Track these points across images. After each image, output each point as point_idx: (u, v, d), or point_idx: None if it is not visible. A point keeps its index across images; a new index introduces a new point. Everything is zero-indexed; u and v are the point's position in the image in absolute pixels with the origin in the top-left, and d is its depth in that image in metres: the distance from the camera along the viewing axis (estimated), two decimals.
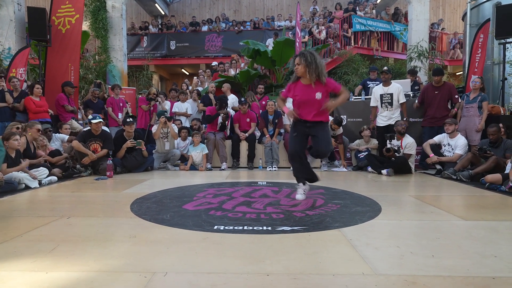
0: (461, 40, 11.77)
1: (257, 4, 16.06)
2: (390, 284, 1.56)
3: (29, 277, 1.64)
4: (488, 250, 2.01)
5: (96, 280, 1.61)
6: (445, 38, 13.07)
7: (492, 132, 4.85)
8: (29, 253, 1.95)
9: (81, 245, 2.09)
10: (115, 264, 1.81)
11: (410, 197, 3.60)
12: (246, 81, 9.65)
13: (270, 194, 3.75)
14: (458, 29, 14.08)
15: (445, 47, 12.94)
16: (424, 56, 8.47)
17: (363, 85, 7.53)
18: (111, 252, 1.97)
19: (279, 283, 1.58)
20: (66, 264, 1.80)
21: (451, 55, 12.63)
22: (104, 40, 9.38)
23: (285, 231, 2.37)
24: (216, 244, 2.11)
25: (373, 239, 2.20)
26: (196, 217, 2.75)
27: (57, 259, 1.86)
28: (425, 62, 8.57)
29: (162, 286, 1.56)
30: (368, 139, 6.21)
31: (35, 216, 2.78)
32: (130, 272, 1.70)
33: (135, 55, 13.18)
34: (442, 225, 2.54)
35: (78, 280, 1.61)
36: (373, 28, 11.62)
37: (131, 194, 3.73)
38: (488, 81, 7.41)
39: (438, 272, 1.70)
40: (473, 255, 1.93)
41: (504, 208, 3.15)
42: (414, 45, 8.63)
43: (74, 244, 2.10)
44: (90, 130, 5.29)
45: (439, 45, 12.57)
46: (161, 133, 5.93)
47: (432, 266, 1.77)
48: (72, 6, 7.14)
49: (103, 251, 1.99)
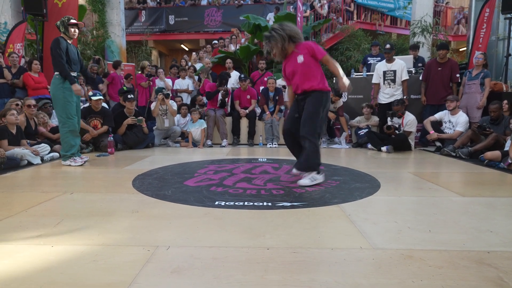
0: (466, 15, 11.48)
1: None
2: (387, 258, 1.60)
3: (35, 250, 1.68)
4: (484, 225, 2.04)
5: (100, 254, 1.64)
6: (449, 13, 12.74)
7: (494, 109, 4.82)
8: (34, 227, 1.98)
9: (85, 220, 2.13)
10: (119, 238, 1.84)
11: (409, 174, 3.63)
12: (246, 56, 9.49)
13: (270, 170, 3.78)
14: (463, 3, 13.71)
15: (450, 22, 12.64)
16: (427, 32, 8.28)
17: (364, 63, 7.42)
18: (114, 227, 2.01)
19: (279, 257, 1.61)
20: (71, 238, 1.83)
21: (455, 30, 12.36)
22: (101, 15, 9.15)
23: (285, 206, 2.41)
24: (217, 219, 2.15)
25: (372, 215, 2.23)
26: (197, 193, 2.78)
27: (61, 233, 1.90)
28: (428, 38, 8.40)
29: (165, 259, 1.59)
30: (369, 116, 6.18)
31: (39, 192, 2.81)
32: (133, 245, 1.74)
33: (133, 30, 12.91)
34: (440, 201, 2.57)
35: (82, 254, 1.64)
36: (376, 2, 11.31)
37: (133, 170, 3.76)
38: (491, 57, 7.28)
39: (435, 246, 1.73)
40: (469, 230, 1.96)
41: (502, 185, 3.18)
42: (418, 20, 8.42)
43: (78, 219, 2.14)
44: (90, 106, 5.26)
45: (443, 20, 12.27)
46: (160, 110, 5.91)
47: (428, 240, 1.81)
48: None
49: (107, 225, 2.03)
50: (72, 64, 4.02)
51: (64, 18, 4.00)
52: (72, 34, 4.01)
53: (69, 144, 4.03)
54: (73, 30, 4.00)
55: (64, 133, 4.02)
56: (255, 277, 1.43)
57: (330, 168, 3.92)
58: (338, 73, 3.06)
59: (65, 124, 3.99)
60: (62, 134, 4.04)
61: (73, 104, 4.02)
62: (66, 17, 4.01)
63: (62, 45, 3.91)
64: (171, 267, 1.51)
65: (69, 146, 4.04)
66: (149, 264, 1.54)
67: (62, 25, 3.98)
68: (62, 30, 3.99)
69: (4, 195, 2.74)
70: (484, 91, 5.49)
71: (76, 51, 4.16)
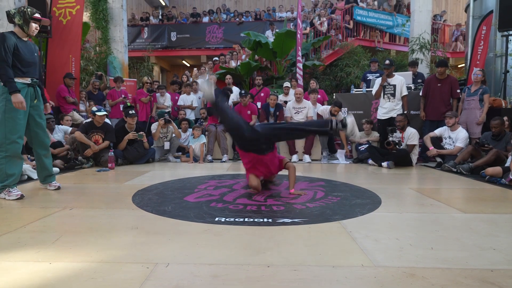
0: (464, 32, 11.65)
1: None
2: (389, 276, 1.58)
3: (32, 267, 1.66)
4: (487, 242, 2.02)
5: (99, 271, 1.62)
6: (447, 30, 12.94)
7: (495, 125, 4.83)
8: (32, 244, 1.97)
9: (84, 236, 2.11)
10: (118, 255, 1.82)
11: (410, 190, 3.61)
12: (247, 73, 9.61)
13: (270, 186, 3.76)
14: (461, 20, 13.94)
15: (448, 39, 12.82)
16: (426, 48, 8.39)
17: (363, 79, 7.50)
18: (113, 243, 1.99)
19: (279, 274, 1.59)
20: (69, 255, 1.81)
21: (453, 47, 12.52)
22: (104, 31, 9.31)
23: (285, 223, 2.39)
24: (217, 235, 2.13)
25: (373, 232, 2.21)
26: (197, 208, 2.77)
27: (60, 250, 1.88)
28: (427, 54, 8.50)
29: (164, 276, 1.57)
30: (369, 132, 6.20)
31: (38, 207, 2.80)
32: (132, 262, 1.72)
33: (135, 46, 13.10)
34: (442, 217, 2.55)
35: (81, 271, 1.62)
36: (375, 20, 11.51)
37: (133, 185, 3.75)
38: (490, 73, 7.35)
39: (437, 264, 1.71)
40: (471, 247, 1.94)
41: (504, 201, 3.16)
42: (416, 37, 8.55)
43: (77, 235, 2.12)
44: (92, 121, 5.29)
45: (441, 37, 12.45)
46: (160, 133, 5.97)
47: (431, 258, 1.79)
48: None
49: (106, 242, 2.01)
50: (24, 66, 3.12)
51: (26, 9, 3.10)
52: (32, 31, 3.15)
53: (4, 173, 3.06)
54: (34, 26, 3.15)
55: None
56: None
57: (330, 183, 3.91)
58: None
59: (1, 146, 3.03)
60: None
61: (18, 121, 3.06)
62: (29, 9, 3.12)
63: (9, 41, 3.00)
64: (170, 285, 1.49)
65: (3, 176, 3.06)
66: (148, 281, 1.52)
67: (21, 16, 3.08)
68: (18, 23, 3.09)
69: (3, 210, 2.72)
70: (484, 107, 5.52)
71: (34, 50, 3.27)
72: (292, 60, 9.82)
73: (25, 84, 3.16)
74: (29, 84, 3.20)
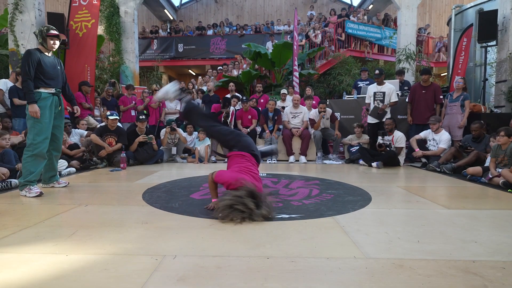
0: (446, 43, 11.67)
1: (258, 10, 15.98)
2: (379, 267, 1.57)
3: (50, 259, 1.65)
4: (469, 236, 2.01)
5: (111, 262, 1.62)
6: (431, 42, 12.96)
7: (475, 128, 4.84)
8: (50, 237, 1.96)
9: (98, 230, 2.10)
10: (129, 247, 1.81)
11: (398, 188, 3.60)
12: (248, 80, 9.61)
13: (269, 184, 3.75)
14: (443, 33, 13.96)
15: (431, 50, 12.83)
16: (411, 58, 8.40)
17: (355, 87, 7.50)
18: (125, 237, 1.98)
19: (278, 265, 1.58)
20: (84, 248, 1.81)
21: (436, 57, 12.54)
22: (117, 43, 9.33)
23: (283, 218, 2.38)
24: (221, 230, 2.12)
25: (364, 226, 2.20)
26: (202, 205, 2.75)
27: (76, 243, 1.87)
28: (412, 64, 8.51)
29: (171, 267, 1.56)
30: (360, 135, 6.20)
31: (56, 204, 2.79)
32: (142, 255, 1.71)
33: (146, 57, 13.12)
34: (427, 213, 2.54)
35: (95, 262, 1.61)
36: (365, 33, 11.53)
37: (143, 184, 3.74)
38: (470, 81, 7.36)
39: (423, 256, 1.70)
40: (455, 240, 1.93)
41: (484, 198, 3.15)
42: (402, 48, 8.57)
43: (91, 230, 2.11)
44: (106, 125, 5.29)
45: (425, 48, 12.47)
46: (168, 139, 5.97)
47: (417, 250, 1.78)
48: (89, 12, 7.10)
49: (118, 236, 2.00)
50: (47, 78, 3.24)
51: (42, 28, 3.24)
52: (50, 46, 3.26)
53: (28, 170, 3.14)
54: (52, 42, 3.25)
55: (25, 157, 3.16)
56: (255, 285, 1.40)
57: (325, 182, 3.89)
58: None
59: (29, 146, 3.17)
60: (24, 159, 3.18)
61: (44, 125, 3.21)
62: (45, 27, 3.24)
63: (33, 57, 3.14)
64: (177, 275, 1.48)
65: (27, 173, 3.14)
66: (156, 272, 1.51)
67: (40, 35, 3.23)
68: (40, 41, 3.24)
69: (24, 206, 2.72)
70: (465, 112, 5.52)
71: (57, 64, 3.38)
72: (289, 69, 9.83)
73: (50, 94, 3.29)
74: (53, 93, 3.33)
